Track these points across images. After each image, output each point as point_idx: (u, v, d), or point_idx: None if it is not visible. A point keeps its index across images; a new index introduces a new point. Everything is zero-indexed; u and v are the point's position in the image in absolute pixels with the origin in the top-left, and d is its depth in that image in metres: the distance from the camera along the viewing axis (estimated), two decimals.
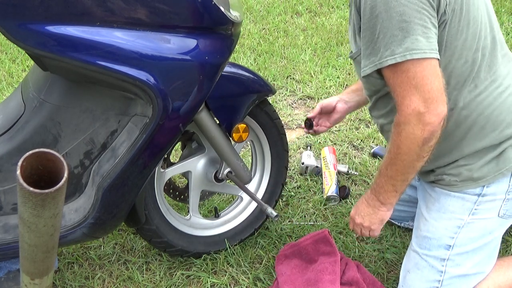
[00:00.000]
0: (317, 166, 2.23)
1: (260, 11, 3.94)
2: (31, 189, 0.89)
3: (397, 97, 1.26)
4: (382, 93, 1.44)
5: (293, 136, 2.53)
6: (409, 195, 1.80)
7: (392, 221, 1.93)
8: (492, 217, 1.45)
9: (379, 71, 1.31)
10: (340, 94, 1.88)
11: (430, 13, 1.22)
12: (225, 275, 1.75)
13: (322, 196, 2.10)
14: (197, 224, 1.78)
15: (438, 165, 1.46)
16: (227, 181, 1.77)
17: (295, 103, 2.80)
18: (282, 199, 2.08)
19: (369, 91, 1.50)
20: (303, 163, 2.24)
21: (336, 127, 2.56)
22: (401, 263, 1.77)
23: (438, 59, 1.24)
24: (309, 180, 2.21)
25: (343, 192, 2.10)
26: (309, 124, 1.90)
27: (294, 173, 2.25)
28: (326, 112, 1.87)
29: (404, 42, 1.20)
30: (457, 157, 1.42)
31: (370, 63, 1.29)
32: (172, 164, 1.72)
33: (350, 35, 1.45)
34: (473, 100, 1.35)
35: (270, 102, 1.95)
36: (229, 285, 1.72)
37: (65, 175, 0.92)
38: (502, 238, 1.84)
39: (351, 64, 3.11)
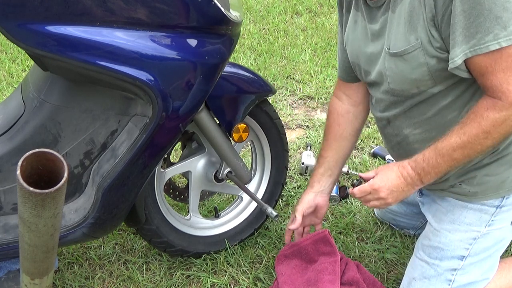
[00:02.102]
0: None
1: (260, 11, 3.93)
2: (31, 189, 0.89)
3: (499, 84, 1.15)
4: (423, 96, 1.32)
5: (293, 136, 2.53)
6: (405, 210, 1.80)
7: (392, 225, 1.93)
8: (505, 226, 1.43)
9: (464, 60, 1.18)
10: (308, 188, 1.66)
11: None
12: (225, 275, 1.74)
13: None
14: (197, 224, 1.78)
15: (467, 169, 1.38)
16: (227, 181, 1.77)
17: (295, 103, 2.80)
18: (282, 199, 2.08)
19: (402, 95, 1.36)
20: (303, 163, 2.24)
21: None
22: (401, 263, 1.77)
23: None
24: (309, 180, 2.21)
25: (343, 192, 2.10)
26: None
27: (294, 173, 2.25)
28: (310, 214, 1.67)
29: (510, 24, 1.10)
30: (483, 163, 1.36)
31: (461, 52, 1.15)
32: (172, 164, 1.72)
33: (387, 32, 1.31)
34: None
35: (270, 102, 1.94)
36: (229, 285, 1.72)
37: (65, 175, 0.92)
38: None
39: None
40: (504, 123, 1.18)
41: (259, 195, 1.87)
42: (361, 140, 2.46)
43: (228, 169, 1.70)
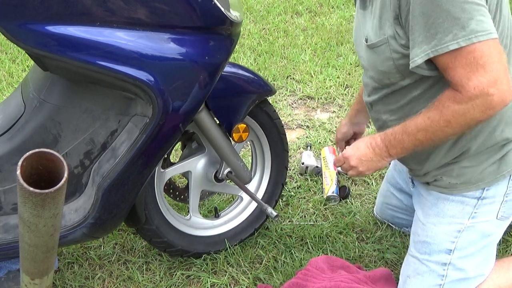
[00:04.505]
0: (317, 166, 2.23)
1: (260, 11, 3.93)
2: (31, 189, 0.89)
3: (459, 79, 1.19)
4: (396, 87, 1.39)
5: (293, 136, 2.53)
6: (406, 204, 1.80)
7: (391, 225, 1.93)
8: (490, 220, 1.45)
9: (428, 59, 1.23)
10: (346, 118, 1.85)
11: None
12: (225, 275, 1.74)
13: (322, 196, 2.10)
14: (197, 224, 1.78)
15: (444, 162, 1.43)
16: (227, 181, 1.77)
17: (295, 103, 2.80)
18: (282, 199, 2.08)
19: (379, 83, 1.44)
20: (303, 163, 2.24)
21: (336, 127, 2.56)
22: (401, 263, 1.77)
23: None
24: (309, 180, 2.21)
25: (343, 192, 2.10)
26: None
27: (294, 173, 2.25)
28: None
29: (469, 24, 1.14)
30: (463, 157, 1.40)
31: (422, 52, 1.21)
32: (172, 164, 1.72)
33: (367, 22, 1.38)
34: None
35: (270, 102, 1.94)
36: (229, 285, 1.72)
37: (65, 175, 0.92)
38: (502, 238, 1.85)
39: (351, 64, 3.11)
40: (464, 115, 1.22)
41: (259, 195, 1.87)
42: None
43: (228, 169, 1.70)
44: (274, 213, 1.67)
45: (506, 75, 1.18)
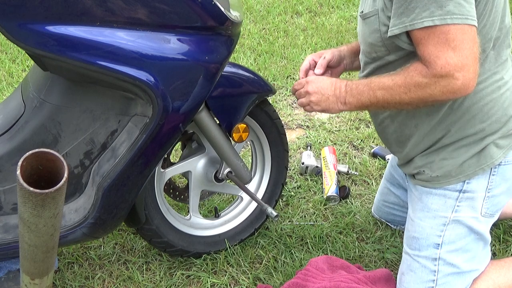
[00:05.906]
0: (317, 166, 2.23)
1: (260, 11, 3.94)
2: (31, 189, 0.89)
3: (428, 55, 1.22)
4: (382, 62, 1.40)
5: (293, 136, 2.53)
6: (403, 200, 1.80)
7: (388, 224, 1.93)
8: (476, 217, 1.45)
9: (406, 32, 1.26)
10: (335, 48, 1.70)
11: None
12: (225, 275, 1.74)
13: (322, 196, 2.10)
14: (197, 224, 1.78)
15: (424, 146, 1.44)
16: (227, 181, 1.77)
17: (295, 103, 2.80)
18: (282, 199, 2.08)
19: (368, 57, 1.45)
20: (303, 163, 2.24)
21: (336, 127, 2.56)
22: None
23: (476, 27, 1.20)
24: (309, 180, 2.21)
25: (343, 192, 2.10)
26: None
27: (294, 173, 2.25)
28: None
29: (446, 5, 1.16)
30: (441, 144, 1.41)
31: (401, 23, 1.23)
32: (172, 164, 1.72)
33: None
34: None
35: (270, 102, 1.94)
36: (229, 285, 1.72)
37: (65, 175, 0.92)
38: (502, 238, 1.85)
39: None
40: (423, 89, 1.25)
41: (259, 195, 1.87)
42: (361, 140, 2.46)
43: (228, 169, 1.70)
44: (274, 213, 1.67)
45: (474, 64, 1.20)
